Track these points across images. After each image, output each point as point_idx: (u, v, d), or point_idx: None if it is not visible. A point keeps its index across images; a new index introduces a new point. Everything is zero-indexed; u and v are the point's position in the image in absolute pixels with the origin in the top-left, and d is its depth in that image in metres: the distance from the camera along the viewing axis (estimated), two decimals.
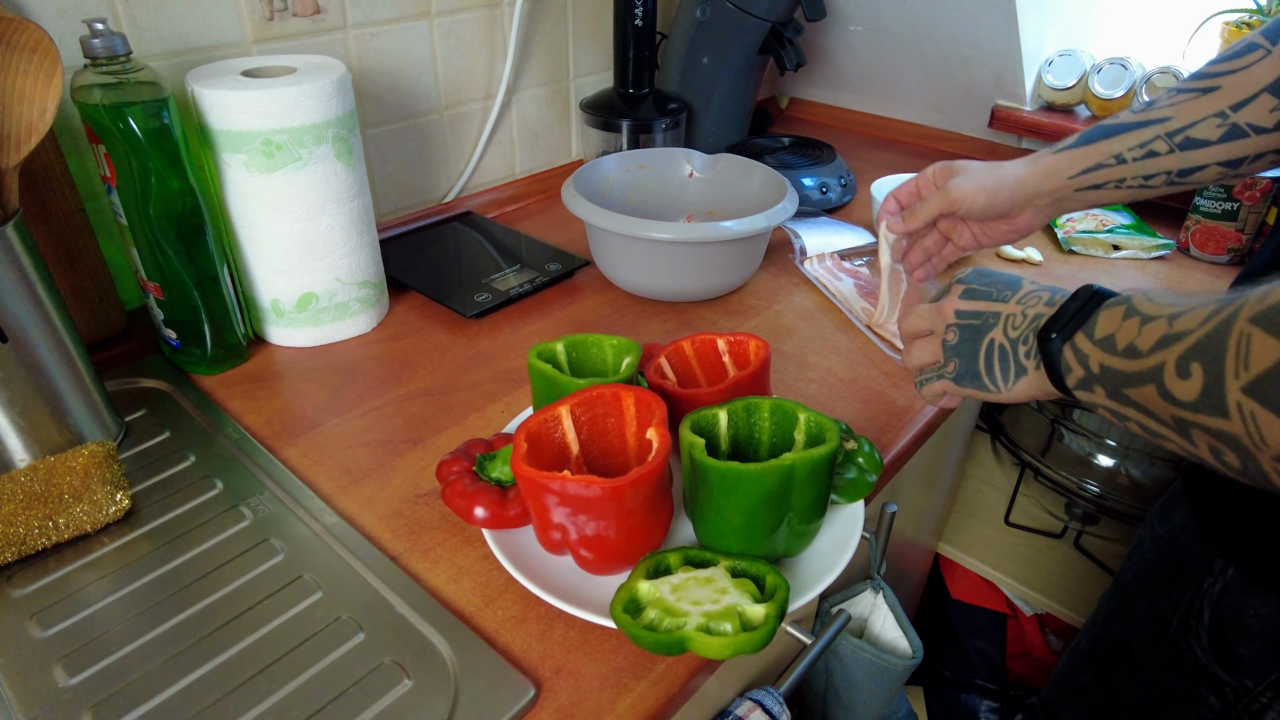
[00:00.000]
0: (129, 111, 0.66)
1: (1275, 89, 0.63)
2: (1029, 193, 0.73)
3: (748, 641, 0.48)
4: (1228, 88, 0.65)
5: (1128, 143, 0.68)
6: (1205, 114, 0.65)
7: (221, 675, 0.52)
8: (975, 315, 0.58)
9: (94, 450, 0.64)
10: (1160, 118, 0.67)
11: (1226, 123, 0.65)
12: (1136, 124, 0.68)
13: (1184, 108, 0.67)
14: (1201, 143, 0.66)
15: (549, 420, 0.58)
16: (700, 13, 1.18)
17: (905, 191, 0.80)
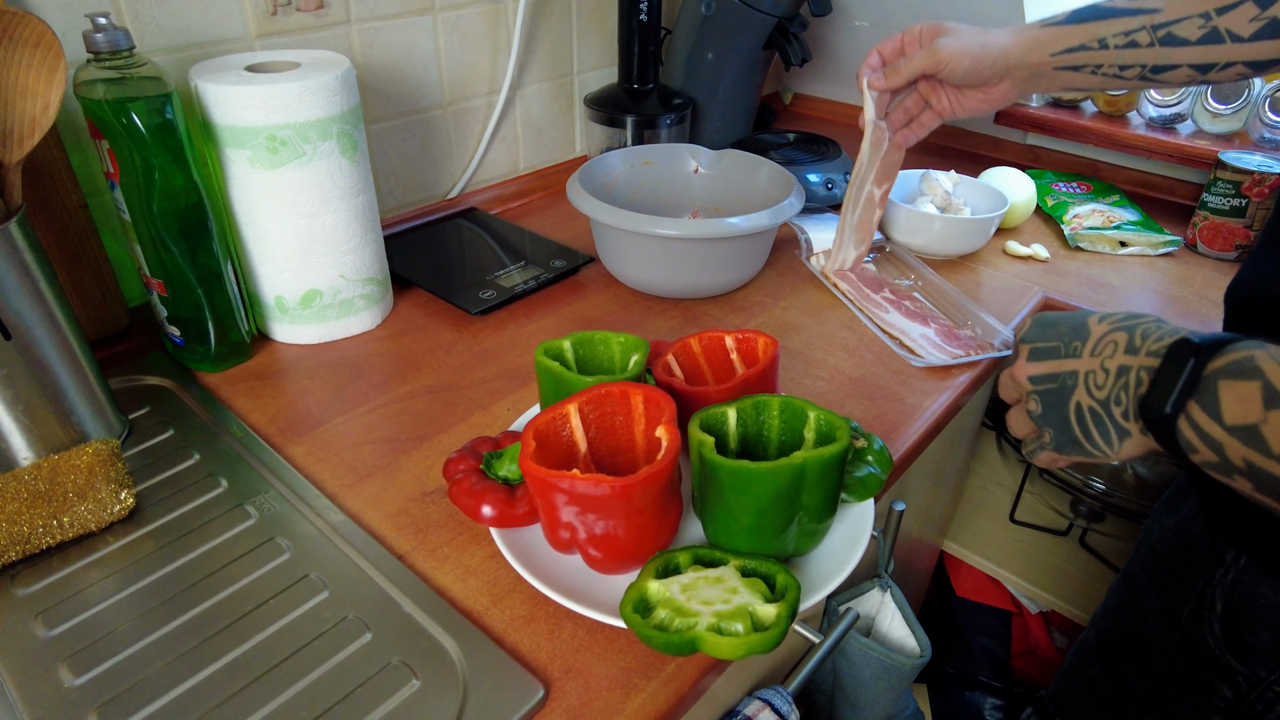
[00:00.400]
0: (132, 107, 0.66)
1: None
2: (1010, 63, 0.75)
3: (760, 642, 0.47)
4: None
5: (1114, 28, 0.70)
6: (1191, 12, 0.67)
7: (228, 675, 0.51)
8: (1050, 378, 0.54)
9: (98, 448, 0.64)
10: (1150, 8, 0.68)
11: (1208, 25, 0.66)
12: (1127, 10, 0.69)
13: (1173, 2, 0.68)
14: (1181, 41, 0.67)
15: (557, 418, 0.57)
16: (705, 8, 1.17)
17: (889, 47, 0.81)
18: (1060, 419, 0.54)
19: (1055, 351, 0.54)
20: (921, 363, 0.82)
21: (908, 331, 0.87)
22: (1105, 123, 1.22)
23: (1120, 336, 0.50)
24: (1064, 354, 0.53)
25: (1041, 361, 0.55)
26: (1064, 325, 0.55)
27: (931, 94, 0.81)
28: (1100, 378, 0.50)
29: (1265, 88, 1.10)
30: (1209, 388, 0.43)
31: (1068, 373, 0.53)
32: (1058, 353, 0.54)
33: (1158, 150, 1.16)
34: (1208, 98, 1.14)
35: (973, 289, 0.98)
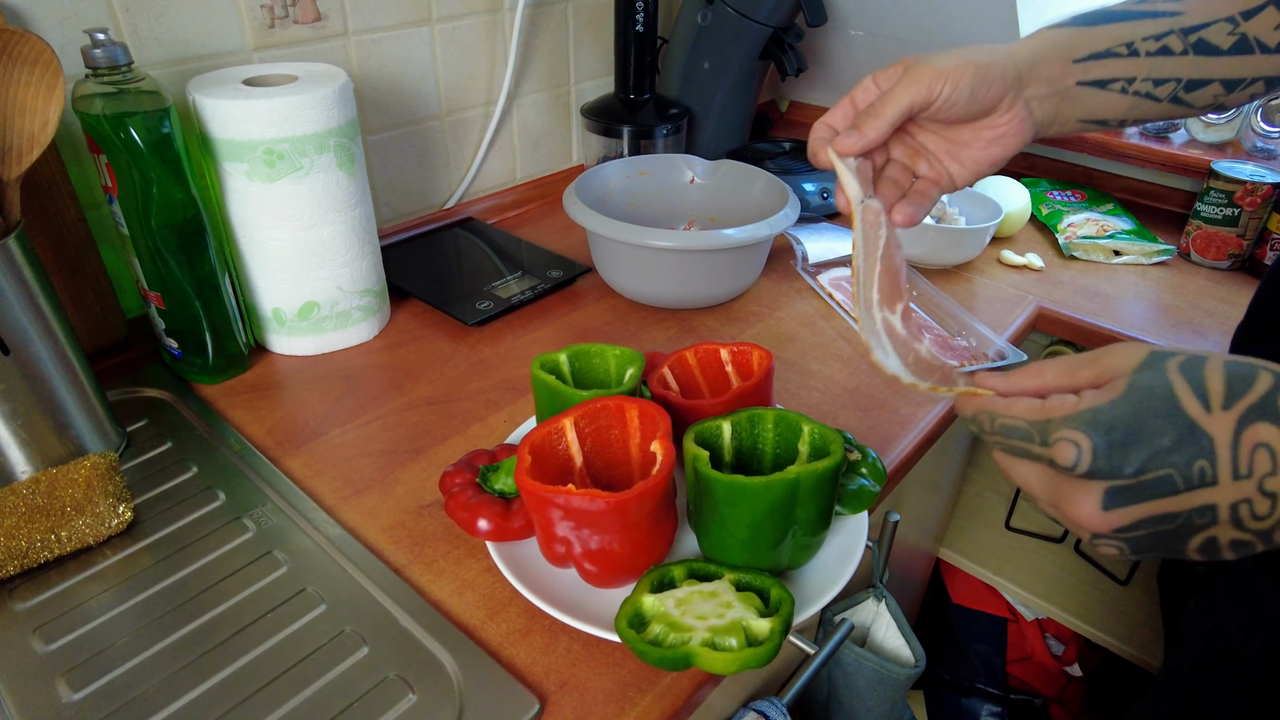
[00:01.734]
0: (130, 121, 0.66)
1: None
2: (1023, 74, 0.54)
3: (753, 657, 0.48)
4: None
5: (1140, 31, 0.55)
6: (1217, 16, 0.55)
7: (225, 690, 0.51)
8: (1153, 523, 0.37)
9: (96, 462, 0.64)
10: (1168, 10, 0.55)
11: (1237, 31, 0.55)
12: (1146, 13, 0.56)
13: (1193, 4, 0.56)
14: (1214, 49, 0.55)
15: (553, 433, 0.57)
16: (701, 18, 1.18)
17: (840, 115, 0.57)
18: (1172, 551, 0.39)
19: (1168, 484, 0.36)
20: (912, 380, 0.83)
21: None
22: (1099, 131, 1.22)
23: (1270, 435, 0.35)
24: (1184, 485, 0.36)
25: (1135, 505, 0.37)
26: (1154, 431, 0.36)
27: (917, 157, 0.58)
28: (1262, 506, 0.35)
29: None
30: None
31: (1198, 509, 0.36)
32: (1172, 485, 0.36)
33: (1151, 159, 1.17)
34: None
35: (967, 299, 0.99)
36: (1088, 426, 0.37)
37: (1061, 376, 0.41)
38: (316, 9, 0.90)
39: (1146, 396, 0.37)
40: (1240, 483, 0.35)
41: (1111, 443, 0.36)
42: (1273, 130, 1.10)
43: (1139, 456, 0.36)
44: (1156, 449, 0.36)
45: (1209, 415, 0.36)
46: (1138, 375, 0.38)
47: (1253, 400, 0.35)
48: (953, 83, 0.52)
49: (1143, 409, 0.36)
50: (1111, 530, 0.38)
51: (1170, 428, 0.36)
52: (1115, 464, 0.36)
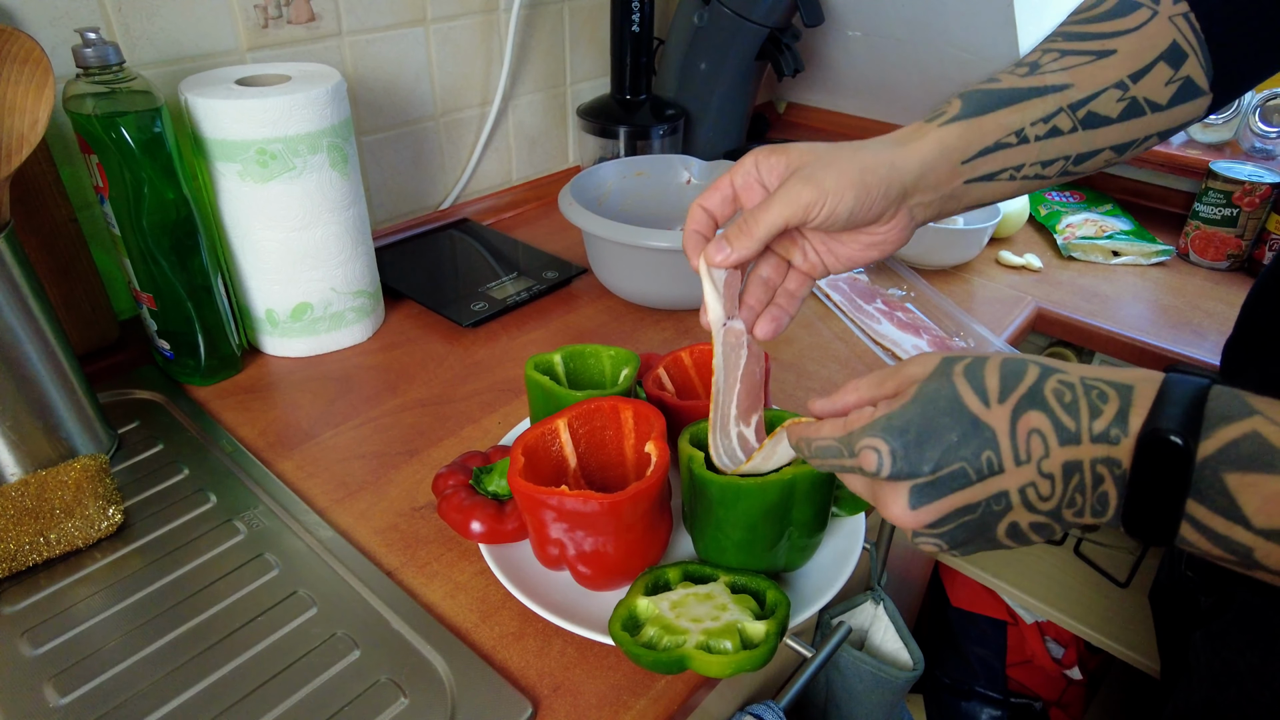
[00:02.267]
0: (121, 121, 0.66)
1: (1170, 57, 0.53)
2: (908, 186, 0.51)
3: (748, 660, 0.47)
4: (1123, 52, 0.52)
5: (1029, 115, 0.52)
6: (1106, 83, 0.52)
7: (215, 694, 0.51)
8: (959, 513, 0.40)
9: (86, 464, 0.64)
10: (1057, 84, 0.52)
11: (1126, 96, 0.53)
12: (1032, 90, 0.52)
13: (1082, 73, 0.52)
14: (1103, 120, 0.53)
15: (546, 434, 0.57)
16: (698, 18, 1.18)
17: (718, 199, 0.54)
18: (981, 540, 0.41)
19: (961, 477, 0.39)
20: None
21: (900, 343, 0.87)
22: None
23: (1040, 421, 0.38)
24: (977, 475, 0.39)
25: (939, 499, 0.39)
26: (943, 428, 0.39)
27: (793, 247, 0.56)
28: (1044, 487, 0.38)
29: (1255, 98, 1.10)
30: (1212, 484, 0.34)
31: (992, 497, 0.39)
32: (966, 477, 0.39)
33: (1150, 159, 1.16)
34: None
35: (966, 299, 0.98)
36: (883, 432, 0.40)
37: (873, 388, 0.44)
38: (310, 9, 0.89)
39: (934, 399, 0.40)
40: (1022, 468, 0.38)
41: (907, 444, 0.39)
42: (1271, 130, 1.09)
43: (933, 454, 0.39)
44: (947, 445, 0.39)
45: (988, 410, 0.39)
46: (925, 383, 0.41)
47: (1023, 391, 0.38)
48: (831, 206, 0.49)
49: (931, 410, 0.39)
50: (923, 526, 0.40)
51: (956, 424, 0.39)
52: (913, 463, 0.39)
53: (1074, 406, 0.38)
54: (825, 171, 0.49)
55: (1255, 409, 0.34)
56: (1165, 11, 0.53)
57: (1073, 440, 0.37)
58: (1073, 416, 0.37)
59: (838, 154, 0.50)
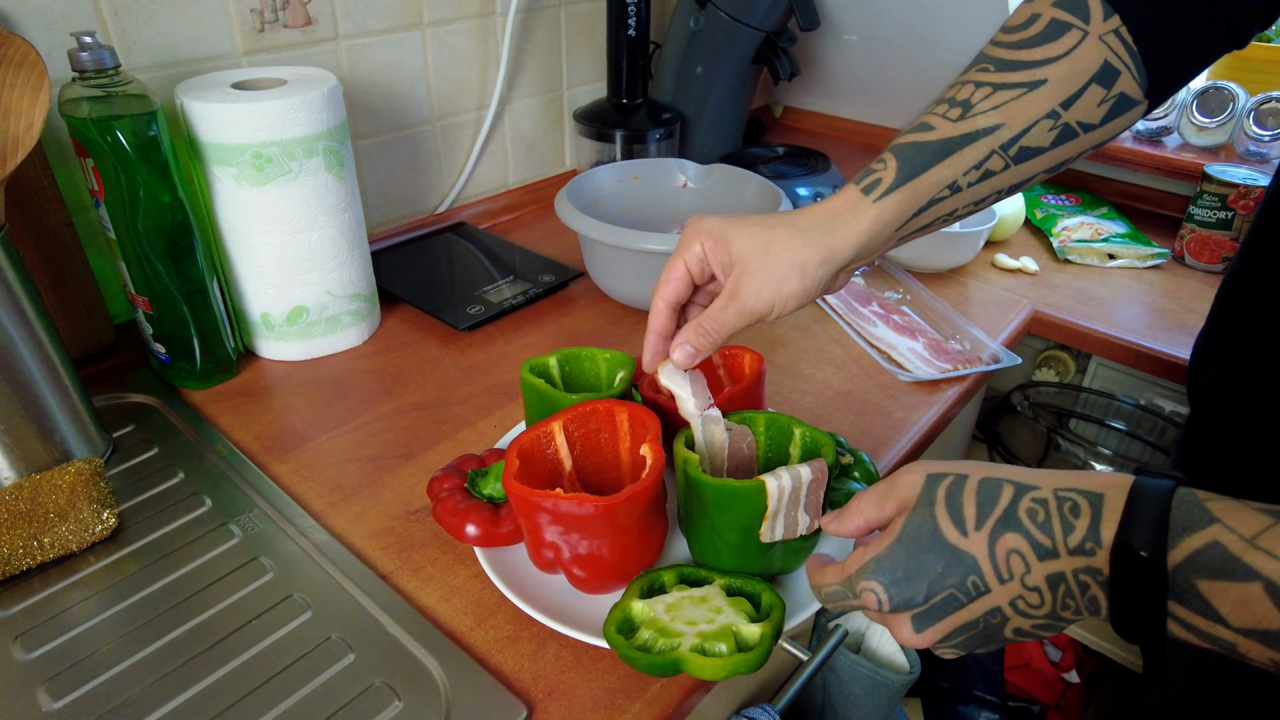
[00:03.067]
0: (117, 125, 0.66)
1: (1102, 77, 0.53)
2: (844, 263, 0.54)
3: (743, 662, 0.47)
4: (1053, 80, 0.53)
5: (961, 165, 0.53)
6: (1037, 115, 0.53)
7: (210, 697, 0.51)
8: (961, 630, 0.44)
9: (80, 467, 0.63)
10: (989, 126, 0.53)
11: (1058, 124, 0.53)
12: (964, 138, 0.53)
13: (1012, 109, 0.53)
14: (1035, 151, 0.54)
15: (541, 436, 0.57)
16: (694, 22, 1.18)
17: (676, 288, 0.57)
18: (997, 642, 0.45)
19: (954, 602, 0.43)
20: (910, 377, 0.82)
21: (895, 345, 0.87)
22: None
23: (1017, 542, 0.41)
24: (967, 599, 0.43)
25: (938, 621, 0.44)
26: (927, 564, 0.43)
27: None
28: (1033, 599, 0.41)
29: (1249, 101, 1.11)
30: (1187, 590, 0.37)
31: (987, 613, 0.43)
32: (958, 602, 0.43)
33: (1145, 163, 1.17)
34: (1194, 112, 1.15)
35: (962, 302, 0.98)
36: (875, 574, 0.44)
37: (875, 509, 0.48)
38: (307, 13, 0.89)
39: (916, 535, 0.43)
40: (1007, 585, 0.41)
41: (897, 580, 0.43)
42: (1265, 133, 1.10)
43: (921, 586, 0.43)
44: (933, 576, 0.43)
45: (966, 538, 0.42)
46: (909, 518, 0.44)
47: (997, 516, 0.42)
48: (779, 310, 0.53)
49: (915, 547, 0.43)
50: (933, 644, 0.45)
51: (939, 558, 0.43)
52: (907, 597, 0.43)
53: (1048, 525, 0.40)
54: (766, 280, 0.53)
55: (1214, 517, 0.37)
56: (1095, 31, 0.53)
57: (1051, 555, 0.40)
58: (1047, 534, 0.40)
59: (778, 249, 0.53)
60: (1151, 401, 1.12)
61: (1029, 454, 1.23)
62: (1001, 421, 1.28)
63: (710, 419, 0.57)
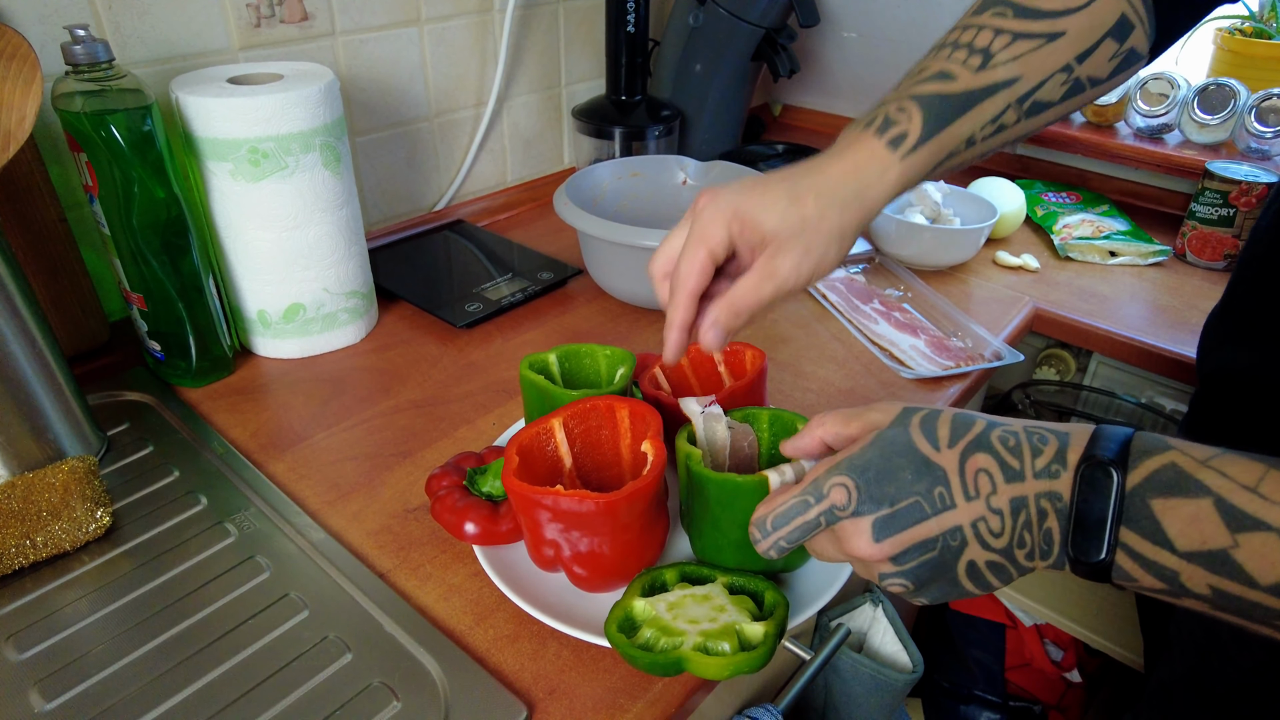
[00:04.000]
0: (111, 119, 0.65)
1: (1118, 31, 0.53)
2: (870, 218, 0.54)
3: (746, 661, 0.47)
4: (1072, 33, 0.53)
5: (980, 119, 0.53)
6: (1052, 69, 0.53)
7: (205, 698, 0.50)
8: (923, 548, 0.42)
9: (74, 466, 0.63)
10: (1008, 79, 0.53)
11: (1070, 78, 0.54)
12: (984, 90, 0.52)
13: (1030, 61, 0.53)
14: (1046, 105, 0.54)
15: (541, 433, 0.56)
16: (693, 19, 1.17)
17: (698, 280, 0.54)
18: (943, 586, 0.44)
19: (917, 511, 0.42)
20: (911, 374, 0.82)
21: (897, 343, 0.87)
22: (1093, 133, 1.22)
23: (986, 462, 0.41)
24: (931, 510, 0.42)
25: (896, 533, 0.42)
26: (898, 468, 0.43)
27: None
28: (995, 523, 0.41)
29: (1251, 98, 1.10)
30: (1140, 511, 0.37)
31: (948, 531, 0.42)
32: (921, 511, 0.42)
33: (1146, 160, 1.16)
34: (1195, 108, 1.15)
35: (963, 300, 0.98)
36: (848, 471, 0.44)
37: (839, 424, 0.48)
38: (303, 8, 0.89)
39: (891, 443, 0.44)
40: (972, 503, 0.41)
41: (868, 480, 0.43)
42: (1267, 130, 1.09)
43: (891, 489, 0.42)
44: (902, 481, 0.42)
45: (938, 453, 0.42)
46: (885, 430, 0.45)
47: (970, 438, 0.42)
48: (820, 276, 0.53)
49: (888, 451, 0.43)
50: (886, 559, 0.43)
51: (909, 464, 0.42)
52: (874, 496, 0.43)
53: (1018, 450, 0.41)
54: (805, 254, 0.52)
55: (1171, 445, 0.39)
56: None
57: (1017, 478, 0.40)
58: (1016, 457, 0.41)
59: (816, 223, 0.52)
60: (1153, 400, 1.11)
61: None
62: None
63: (712, 416, 0.57)
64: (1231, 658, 0.59)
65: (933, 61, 0.55)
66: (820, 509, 0.45)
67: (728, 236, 0.52)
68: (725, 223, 0.52)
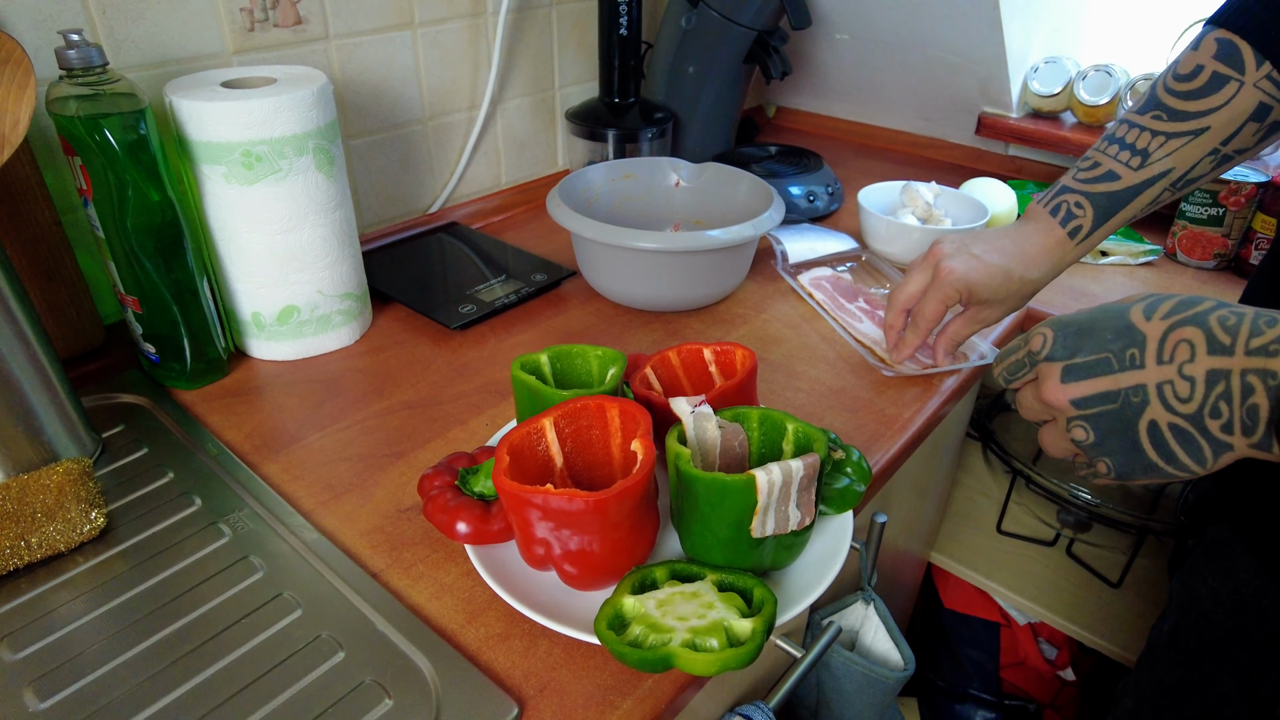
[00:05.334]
0: (105, 123, 0.65)
1: (1258, 115, 0.64)
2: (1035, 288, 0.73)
3: (734, 657, 0.47)
4: (1216, 127, 0.64)
5: (1139, 205, 0.68)
6: (1200, 156, 0.65)
7: (199, 696, 0.50)
8: (1105, 398, 0.46)
9: (69, 467, 0.63)
10: (1164, 171, 0.66)
11: (1217, 158, 0.65)
12: (1144, 183, 0.67)
13: (1182, 154, 0.65)
14: (1197, 179, 0.67)
15: (532, 433, 0.57)
16: (686, 21, 1.18)
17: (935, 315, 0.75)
18: (1125, 443, 0.47)
19: (1105, 365, 0.46)
20: (891, 372, 0.83)
21: (881, 342, 0.87)
22: (1084, 133, 1.23)
23: (1193, 334, 0.43)
24: (1119, 366, 0.46)
25: (1084, 380, 0.47)
26: (1101, 328, 0.47)
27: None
28: (1183, 388, 0.43)
29: None
30: None
31: (1130, 388, 0.45)
32: (1109, 365, 0.46)
33: None
34: None
35: None
36: (1052, 324, 0.51)
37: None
38: (297, 12, 0.89)
39: (1108, 309, 0.49)
40: (1163, 367, 0.44)
41: (1068, 334, 0.49)
42: None
43: (1087, 343, 0.48)
44: (1100, 339, 0.47)
45: (1148, 322, 0.46)
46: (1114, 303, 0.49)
47: (1188, 315, 0.44)
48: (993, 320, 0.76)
49: (1099, 315, 0.49)
50: (1071, 401, 0.48)
51: (1113, 326, 0.47)
52: (1069, 346, 0.48)
53: (1235, 328, 0.42)
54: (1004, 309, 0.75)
55: None
56: (1250, 79, 0.62)
57: (1224, 351, 0.42)
58: (1230, 334, 0.42)
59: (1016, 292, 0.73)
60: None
61: (1024, 452, 1.23)
62: (995, 419, 1.28)
63: (702, 415, 0.57)
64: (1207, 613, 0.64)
65: (1101, 161, 0.69)
66: (1023, 352, 0.52)
67: (958, 298, 0.73)
68: (958, 290, 0.72)
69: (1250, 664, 0.61)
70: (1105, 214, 0.68)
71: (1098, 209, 0.69)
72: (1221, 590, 0.63)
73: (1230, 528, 0.64)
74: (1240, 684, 0.62)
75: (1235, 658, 0.62)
